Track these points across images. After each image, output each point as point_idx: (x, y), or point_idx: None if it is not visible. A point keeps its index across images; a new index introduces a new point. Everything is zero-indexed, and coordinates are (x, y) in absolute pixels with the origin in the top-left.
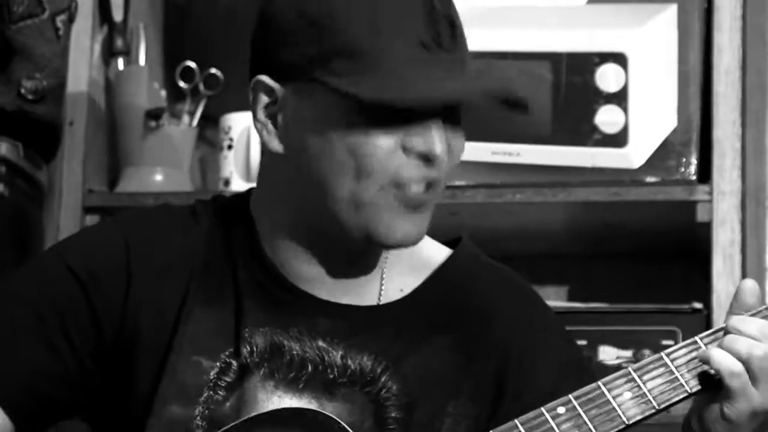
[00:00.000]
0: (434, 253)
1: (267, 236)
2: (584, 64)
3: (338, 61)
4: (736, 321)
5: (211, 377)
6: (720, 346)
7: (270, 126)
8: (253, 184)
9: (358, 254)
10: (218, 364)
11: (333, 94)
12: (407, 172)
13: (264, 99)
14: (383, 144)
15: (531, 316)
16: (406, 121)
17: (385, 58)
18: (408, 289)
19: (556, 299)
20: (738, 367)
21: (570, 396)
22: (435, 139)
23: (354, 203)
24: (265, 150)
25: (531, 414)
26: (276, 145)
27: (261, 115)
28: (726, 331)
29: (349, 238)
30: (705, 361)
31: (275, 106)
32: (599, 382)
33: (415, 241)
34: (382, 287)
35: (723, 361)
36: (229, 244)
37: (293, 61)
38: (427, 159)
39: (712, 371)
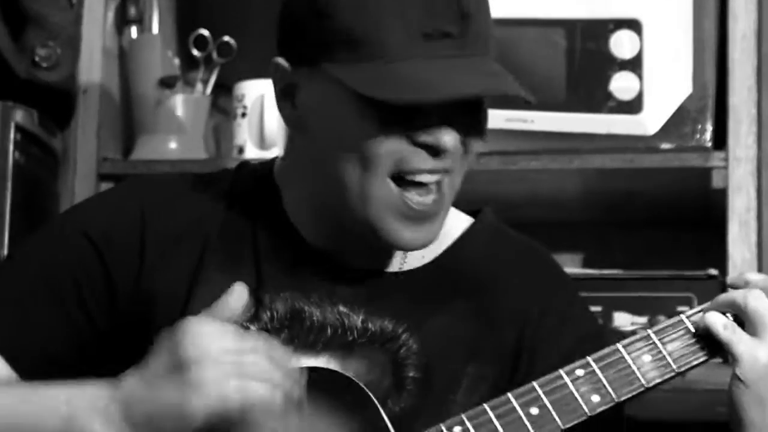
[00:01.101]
0: (456, 222)
1: (290, 204)
2: (598, 30)
3: (340, 50)
4: (734, 277)
5: None
6: (715, 300)
7: (288, 107)
8: (267, 152)
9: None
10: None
11: (338, 83)
12: (412, 161)
13: (282, 81)
14: (389, 134)
15: (550, 284)
16: (415, 112)
17: (384, 48)
18: (429, 257)
19: (570, 266)
20: (723, 318)
21: (589, 358)
22: (443, 132)
23: (362, 197)
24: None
25: (549, 376)
26: (294, 127)
27: (279, 96)
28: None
29: (359, 232)
30: (703, 325)
31: (292, 88)
32: (618, 345)
33: (422, 247)
34: (406, 255)
35: (710, 316)
36: (251, 209)
37: (304, 47)
38: (433, 149)
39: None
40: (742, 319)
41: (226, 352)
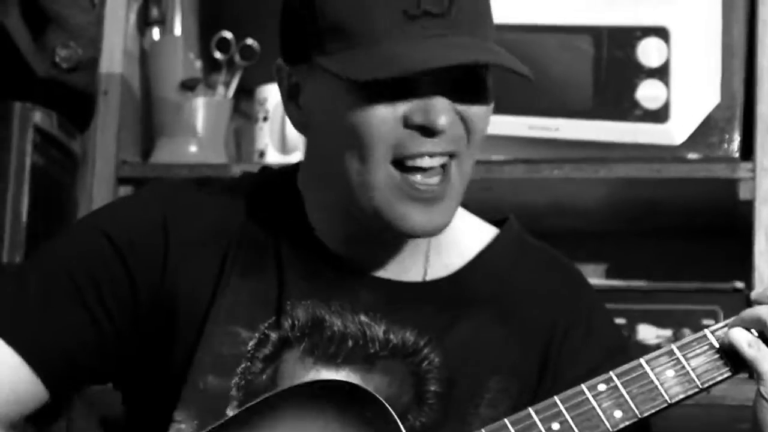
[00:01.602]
0: (480, 232)
1: (314, 211)
2: (626, 37)
3: (329, 41)
4: (758, 293)
5: (249, 348)
6: (740, 316)
7: (293, 109)
8: (289, 157)
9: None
10: (257, 335)
11: (330, 75)
12: (408, 144)
13: (285, 83)
14: (382, 119)
15: (576, 297)
16: (408, 95)
17: (367, 32)
18: (453, 266)
19: (594, 277)
20: (748, 335)
21: (611, 373)
22: (436, 109)
23: (364, 187)
24: None
25: (571, 391)
26: (301, 128)
27: (286, 98)
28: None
29: (374, 226)
30: (728, 342)
31: (296, 89)
32: (641, 359)
33: (435, 231)
34: (428, 264)
35: (734, 332)
36: (274, 215)
37: (296, 44)
38: (430, 131)
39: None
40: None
41: None
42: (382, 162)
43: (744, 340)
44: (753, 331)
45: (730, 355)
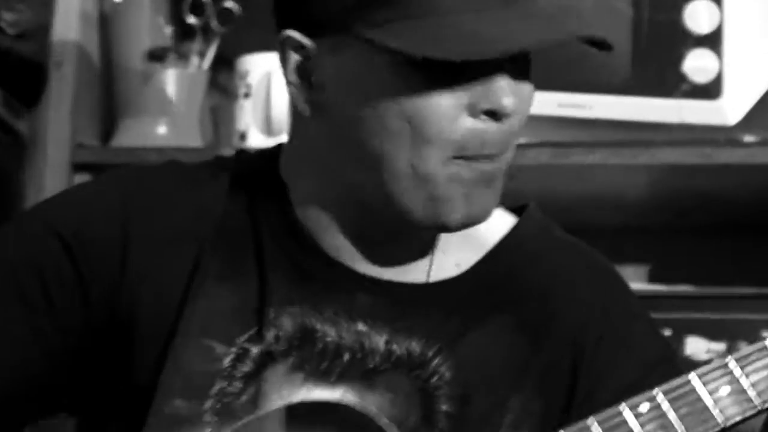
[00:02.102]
0: (496, 222)
1: (299, 202)
2: None
3: (379, 9)
4: None
5: (225, 365)
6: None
7: (303, 88)
8: (274, 139)
9: (409, 231)
10: (234, 349)
11: (377, 50)
12: (478, 135)
13: (295, 57)
14: (444, 105)
15: (610, 299)
16: (469, 76)
17: (433, 4)
18: (465, 264)
19: (635, 280)
20: None
21: (656, 390)
22: (504, 91)
23: (415, 178)
24: (296, 109)
25: (609, 411)
26: (311, 110)
27: (292, 75)
28: None
29: (407, 220)
30: None
31: (308, 65)
32: (692, 374)
33: (483, 220)
34: (434, 261)
35: None
36: (254, 207)
37: (328, 12)
38: (497, 115)
39: None
40: None
41: None
42: (440, 154)
43: None
44: None
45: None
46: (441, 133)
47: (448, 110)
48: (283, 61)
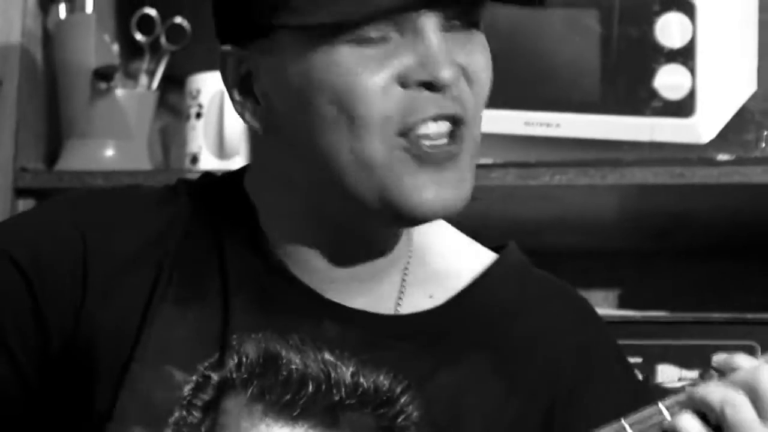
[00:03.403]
0: (473, 257)
1: (266, 222)
2: (642, 12)
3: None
4: (721, 360)
5: (185, 394)
6: (690, 394)
7: (249, 104)
8: (228, 162)
9: (375, 243)
10: (194, 377)
11: (300, 39)
12: (413, 110)
13: (235, 73)
14: (371, 81)
15: (588, 341)
16: (395, 46)
17: None
18: (439, 297)
19: (604, 306)
20: (698, 427)
21: (623, 421)
22: (437, 58)
23: (361, 165)
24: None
25: None
26: (261, 125)
27: (236, 93)
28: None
29: (368, 213)
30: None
31: (249, 79)
32: (660, 404)
33: (452, 207)
34: (404, 291)
35: (685, 422)
36: (217, 230)
37: (257, 15)
38: (434, 87)
39: None
40: (721, 427)
41: None
42: (380, 134)
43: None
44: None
45: None
46: (372, 111)
47: (377, 84)
48: (225, 79)
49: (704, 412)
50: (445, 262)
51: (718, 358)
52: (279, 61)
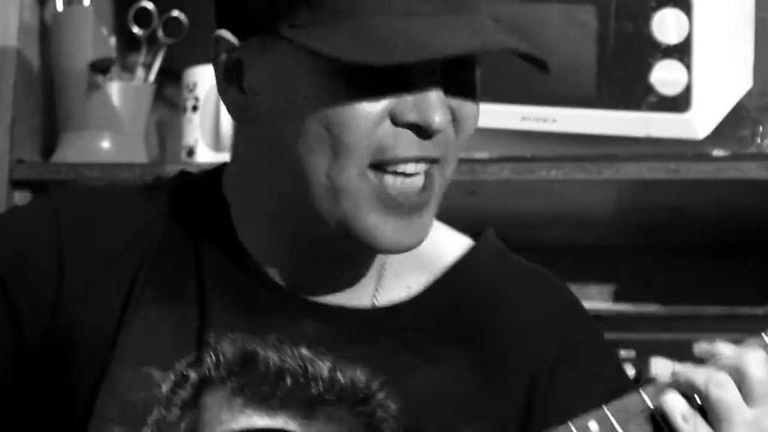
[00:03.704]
0: (450, 245)
1: (242, 222)
2: (638, 8)
3: (301, 9)
4: (703, 349)
5: (164, 392)
6: (675, 377)
7: (233, 92)
8: (224, 155)
9: (350, 250)
10: (172, 375)
11: (300, 52)
12: (393, 147)
13: (226, 59)
14: (365, 112)
15: (569, 329)
16: (396, 85)
17: (355, 4)
18: (416, 288)
19: (599, 300)
20: (683, 405)
21: (605, 409)
22: (432, 104)
23: (332, 190)
24: (234, 121)
25: (557, 430)
26: (241, 116)
27: (222, 78)
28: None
29: (330, 234)
30: (662, 408)
31: (238, 68)
32: (641, 391)
33: (410, 248)
34: (381, 284)
35: (670, 400)
36: (194, 229)
37: (255, 11)
38: (423, 131)
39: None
40: (704, 407)
41: None
42: (358, 164)
43: (678, 411)
44: (696, 396)
45: (669, 426)
46: (359, 141)
47: (368, 117)
48: (215, 64)
49: (688, 396)
50: (423, 251)
51: (700, 347)
52: (275, 64)
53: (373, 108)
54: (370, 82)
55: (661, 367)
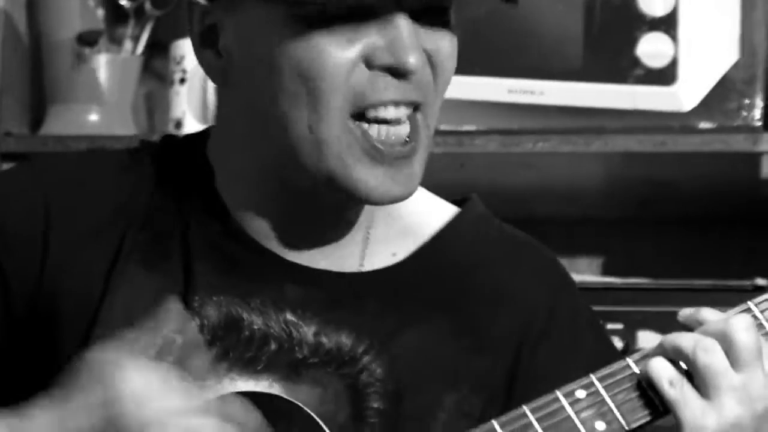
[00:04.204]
0: (436, 212)
1: (226, 186)
2: None
3: None
4: (687, 314)
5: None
6: (661, 343)
7: (210, 56)
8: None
9: (335, 208)
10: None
11: (265, 5)
12: (374, 91)
13: (200, 24)
14: (339, 58)
15: (554, 296)
16: (365, 26)
17: None
18: (402, 254)
19: (588, 273)
20: (670, 371)
21: (592, 376)
22: (405, 45)
23: (315, 143)
24: (216, 85)
25: (543, 399)
26: (220, 79)
27: (199, 44)
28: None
29: (316, 186)
30: (648, 374)
31: (213, 32)
32: (629, 359)
33: (398, 198)
34: (367, 249)
35: (656, 365)
36: (179, 193)
37: None
38: (399, 73)
39: None
40: (691, 372)
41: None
42: (338, 113)
43: (665, 376)
44: (681, 363)
45: (655, 392)
46: (335, 88)
47: (341, 63)
48: (190, 28)
49: (675, 362)
50: (409, 218)
51: (684, 313)
52: (245, 22)
53: (345, 53)
54: (340, 28)
55: (648, 339)
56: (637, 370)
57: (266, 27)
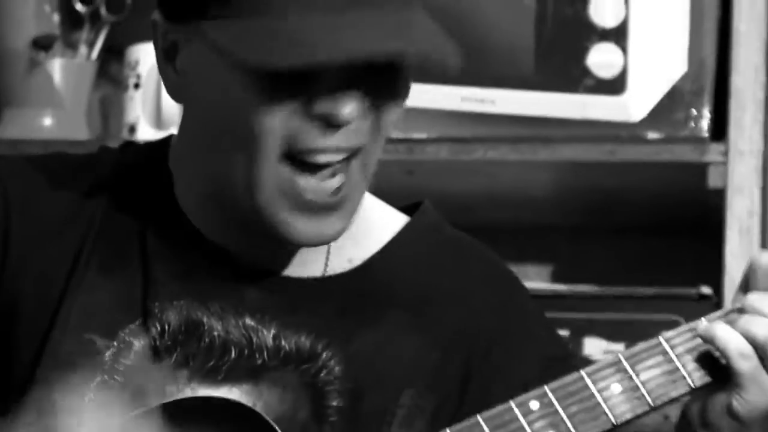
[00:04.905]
0: (389, 220)
1: (186, 192)
2: None
3: (213, 4)
4: (756, 299)
5: (106, 359)
6: (734, 327)
7: (170, 71)
8: (165, 132)
9: None
10: (115, 343)
11: (213, 44)
12: (305, 137)
13: (162, 41)
14: (275, 108)
15: (504, 296)
16: (309, 83)
17: (265, 2)
18: (357, 261)
19: (536, 280)
20: (747, 347)
21: (546, 387)
22: (343, 98)
23: (249, 183)
24: None
25: (497, 409)
26: (177, 96)
27: (163, 59)
28: (742, 310)
29: (250, 224)
30: (708, 339)
31: (174, 49)
32: (582, 372)
33: (324, 241)
34: (329, 256)
35: (730, 339)
36: (138, 199)
37: (179, 2)
38: (331, 123)
39: (719, 355)
40: (762, 353)
41: None
42: (270, 156)
43: (736, 348)
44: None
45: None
46: (269, 129)
47: (279, 109)
48: (155, 44)
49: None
50: (363, 225)
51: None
52: (197, 51)
53: (284, 102)
54: (283, 78)
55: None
56: (589, 382)
57: (213, 63)
